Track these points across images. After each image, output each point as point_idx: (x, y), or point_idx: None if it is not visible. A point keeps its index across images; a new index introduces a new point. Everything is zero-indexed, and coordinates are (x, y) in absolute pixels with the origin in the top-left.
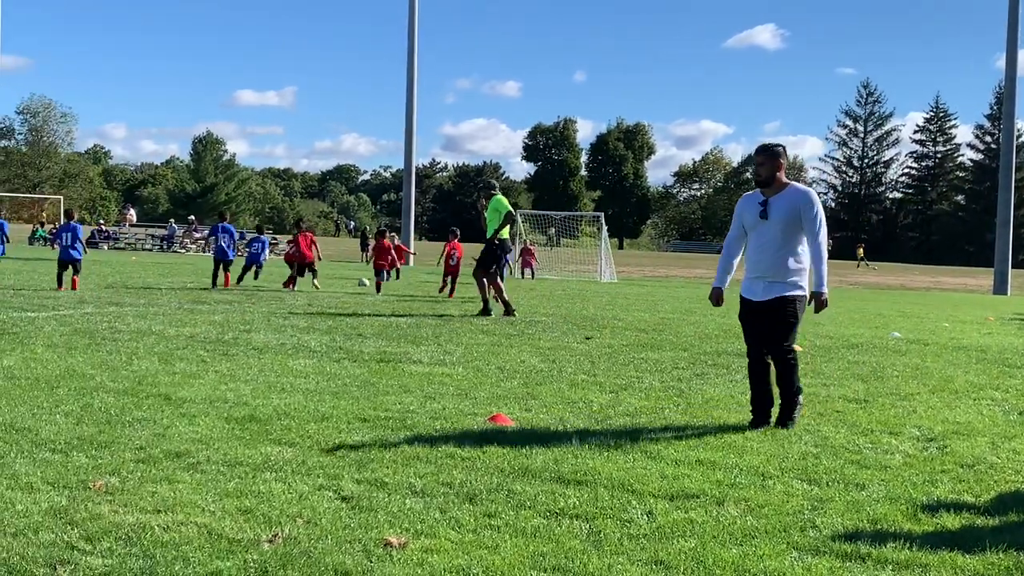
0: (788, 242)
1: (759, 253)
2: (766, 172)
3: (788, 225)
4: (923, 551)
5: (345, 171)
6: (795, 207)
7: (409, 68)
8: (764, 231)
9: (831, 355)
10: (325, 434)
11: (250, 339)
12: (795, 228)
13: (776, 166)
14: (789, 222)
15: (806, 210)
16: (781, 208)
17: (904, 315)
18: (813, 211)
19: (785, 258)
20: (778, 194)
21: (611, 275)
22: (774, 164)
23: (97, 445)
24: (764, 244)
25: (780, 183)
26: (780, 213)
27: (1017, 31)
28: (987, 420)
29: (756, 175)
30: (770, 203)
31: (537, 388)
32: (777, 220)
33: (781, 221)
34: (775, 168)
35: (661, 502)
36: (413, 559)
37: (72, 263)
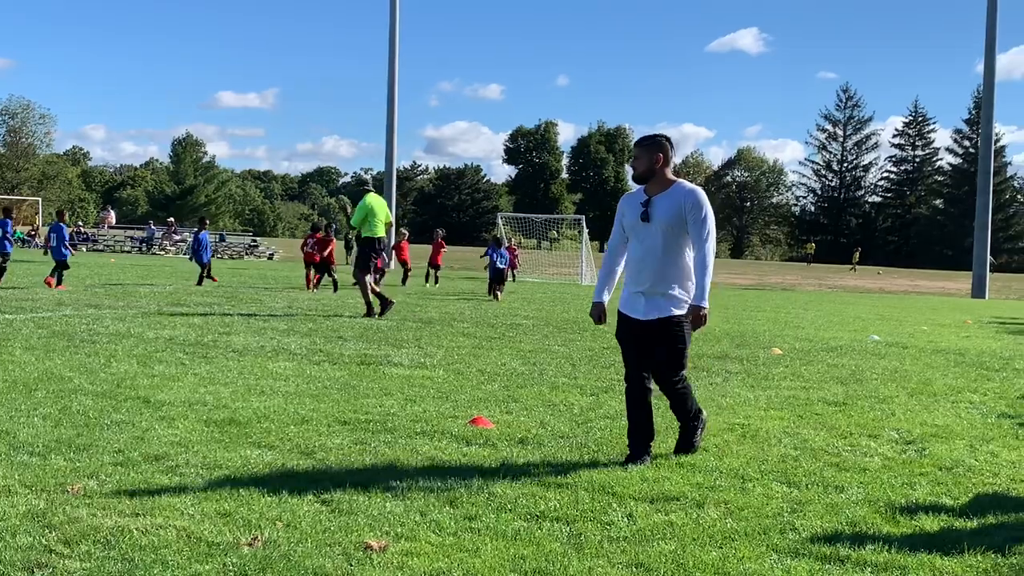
0: (673, 249)
1: (640, 262)
2: (642, 167)
3: (672, 229)
4: (902, 553)
5: (326, 173)
6: (679, 208)
7: (390, 71)
8: (645, 236)
9: (810, 358)
10: (305, 437)
11: (230, 341)
12: (680, 233)
13: (655, 159)
14: (673, 225)
15: (692, 212)
16: (664, 209)
17: (883, 318)
18: (701, 213)
19: (669, 268)
20: (662, 193)
21: (592, 278)
22: (652, 157)
23: (75, 448)
24: (645, 251)
25: (665, 180)
26: (663, 215)
27: (996, 36)
28: (965, 423)
29: (632, 169)
30: (653, 203)
31: (518, 391)
32: (660, 223)
33: (664, 224)
34: (653, 161)
35: (641, 505)
36: (393, 562)
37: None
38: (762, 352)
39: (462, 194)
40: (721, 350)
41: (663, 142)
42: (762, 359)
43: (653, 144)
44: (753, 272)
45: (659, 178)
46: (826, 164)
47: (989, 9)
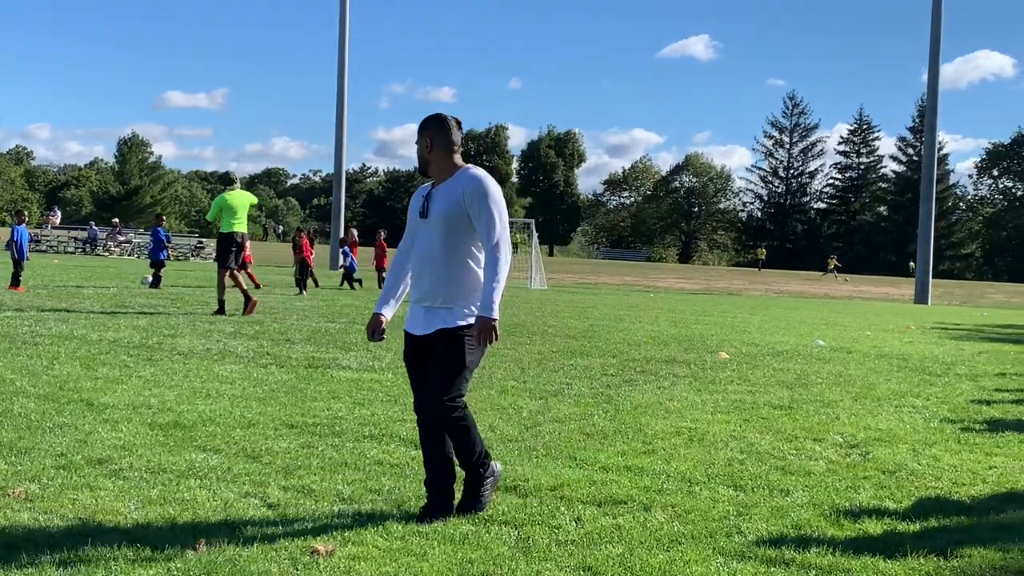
0: (456, 249)
1: (420, 266)
2: (418, 155)
3: (453, 225)
4: (846, 556)
5: (274, 175)
6: (459, 199)
7: (339, 73)
8: (425, 235)
9: (756, 362)
10: (251, 440)
11: (175, 344)
12: (463, 229)
13: (424, 145)
14: (454, 220)
15: (474, 202)
16: (444, 201)
17: (827, 323)
18: (485, 203)
19: (451, 273)
20: (444, 183)
21: (542, 282)
22: (422, 143)
23: (17, 451)
24: (425, 253)
25: (445, 167)
26: (442, 207)
27: (940, 45)
28: (908, 427)
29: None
30: (433, 195)
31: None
32: (439, 218)
33: (444, 219)
34: (424, 148)
35: (589, 508)
36: (340, 567)
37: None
38: (709, 356)
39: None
40: (669, 354)
41: (432, 122)
42: (709, 363)
43: (422, 127)
44: (701, 277)
45: (438, 166)
46: (772, 171)
47: (933, 19)
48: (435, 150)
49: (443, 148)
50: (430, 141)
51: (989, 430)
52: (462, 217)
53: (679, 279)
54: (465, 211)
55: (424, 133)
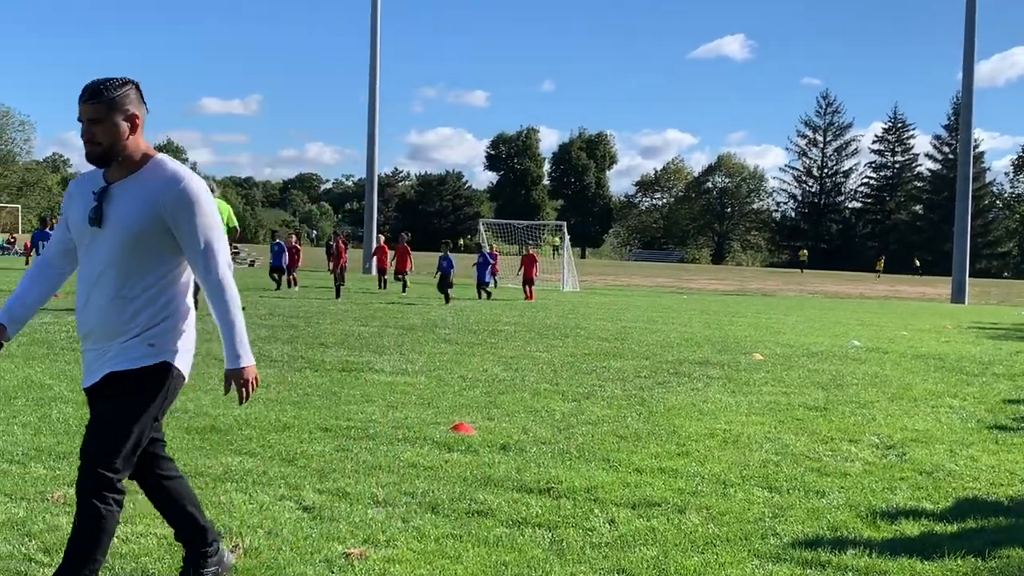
0: (137, 271)
1: (86, 289)
2: (102, 134)
3: (139, 238)
4: (882, 558)
5: (307, 180)
6: (154, 203)
7: (371, 77)
8: (96, 249)
9: (791, 363)
10: (287, 444)
11: (210, 348)
12: (155, 244)
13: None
14: (142, 233)
15: (177, 210)
16: (128, 204)
17: (863, 324)
18: (193, 210)
19: (127, 302)
20: (130, 177)
21: (574, 284)
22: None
23: (56, 456)
24: (93, 274)
25: (136, 154)
26: (124, 213)
27: (974, 43)
28: (945, 428)
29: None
30: (111, 194)
31: (500, 397)
32: (118, 228)
33: (124, 229)
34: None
35: (623, 510)
36: (375, 569)
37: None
38: (743, 357)
39: (443, 200)
40: (703, 356)
41: (132, 90)
42: (743, 364)
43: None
44: (734, 278)
45: (129, 151)
46: (806, 170)
47: (967, 15)
48: (133, 131)
49: (138, 130)
50: (133, 119)
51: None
52: (160, 227)
53: (712, 280)
54: (163, 219)
55: (119, 106)
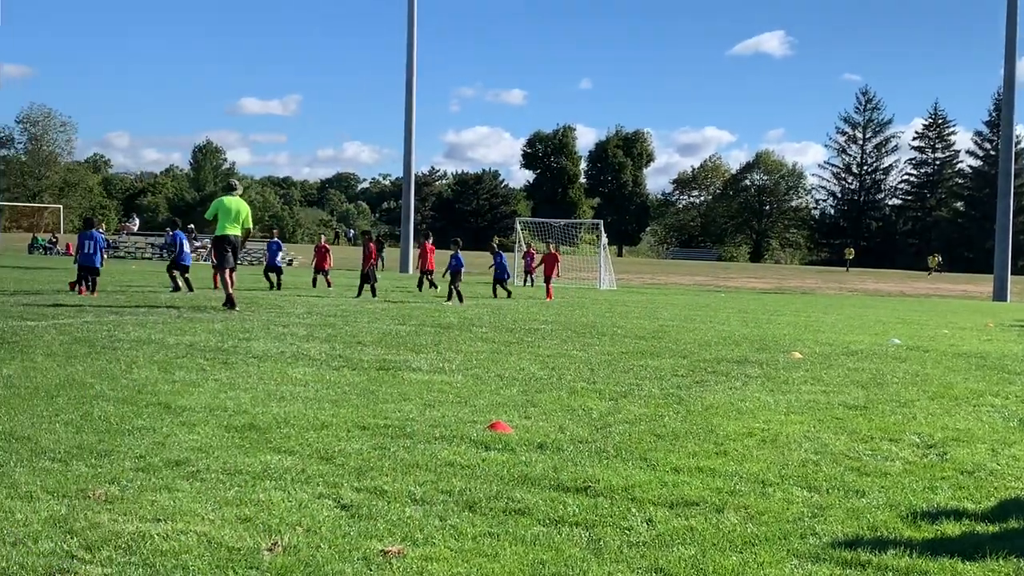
0: None
1: None
2: None
3: None
4: (923, 558)
5: (344, 179)
6: None
7: (408, 76)
8: None
9: (831, 362)
10: (325, 442)
11: (249, 347)
12: None
13: None
14: None
15: None
16: None
17: (903, 322)
18: None
19: None
20: None
21: (611, 282)
22: None
23: (97, 454)
24: None
25: None
26: None
27: (1016, 38)
28: (987, 427)
29: None
30: None
31: (536, 396)
32: None
33: None
34: None
35: (661, 510)
36: (412, 567)
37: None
38: (782, 356)
39: (480, 199)
40: (741, 354)
41: None
42: (782, 363)
43: None
44: (772, 276)
45: None
46: (845, 167)
47: (1009, 11)
48: None
49: None
50: None
51: None
52: None
53: (750, 278)
54: None
55: None
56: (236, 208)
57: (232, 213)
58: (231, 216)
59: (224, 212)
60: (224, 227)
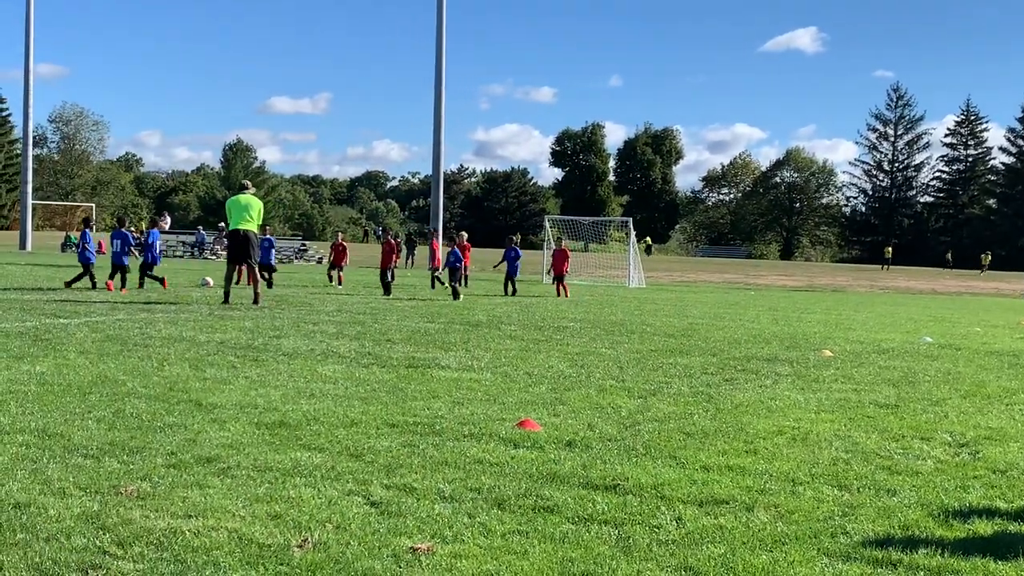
0: None
1: None
2: None
3: None
4: (955, 557)
5: (374, 177)
6: None
7: (437, 74)
8: None
9: (862, 360)
10: (354, 439)
11: (280, 345)
12: None
13: None
14: None
15: None
16: None
17: (935, 319)
18: None
19: None
20: None
21: (640, 280)
22: None
23: (128, 450)
24: None
25: None
26: None
27: None
28: (1019, 425)
29: None
30: None
31: (565, 393)
32: None
33: None
34: None
35: (690, 508)
36: (442, 564)
37: (121, 268)
38: (812, 354)
39: (508, 197)
40: (771, 352)
41: None
42: (812, 361)
43: None
44: (803, 273)
45: None
46: (877, 164)
47: None
48: None
49: None
50: None
51: None
52: None
53: (781, 276)
54: None
55: None
56: (247, 204)
57: (244, 209)
58: (243, 212)
59: (237, 209)
60: (237, 222)
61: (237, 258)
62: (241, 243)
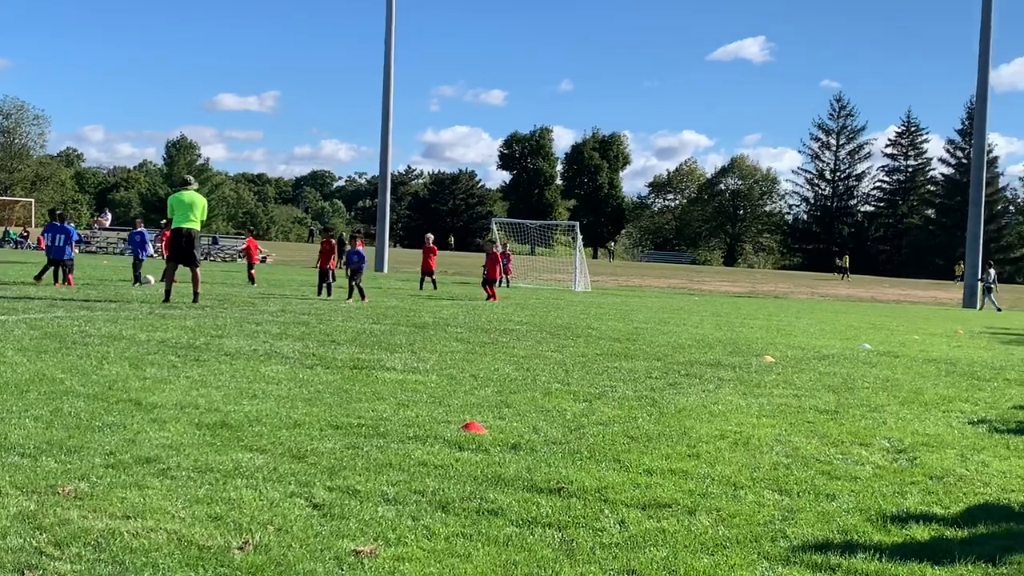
0: None
1: None
2: None
3: None
4: (893, 562)
5: (320, 177)
6: None
7: (386, 74)
8: None
9: (802, 366)
10: (297, 441)
11: (222, 345)
12: None
13: None
14: None
15: None
16: None
17: (875, 327)
18: None
19: None
20: None
21: (586, 284)
22: None
23: (66, 450)
24: None
25: None
26: None
27: (989, 47)
28: (956, 432)
29: None
30: None
31: (511, 396)
32: None
33: None
34: None
35: (634, 511)
36: (385, 567)
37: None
38: (754, 360)
39: (456, 199)
40: (714, 357)
41: None
42: (754, 367)
43: None
44: (746, 280)
45: None
46: (819, 173)
47: (983, 20)
48: None
49: None
50: None
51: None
52: None
53: (724, 282)
54: None
55: None
56: (191, 201)
57: (188, 207)
58: (187, 210)
59: (180, 206)
60: (180, 221)
61: (179, 257)
62: (183, 242)
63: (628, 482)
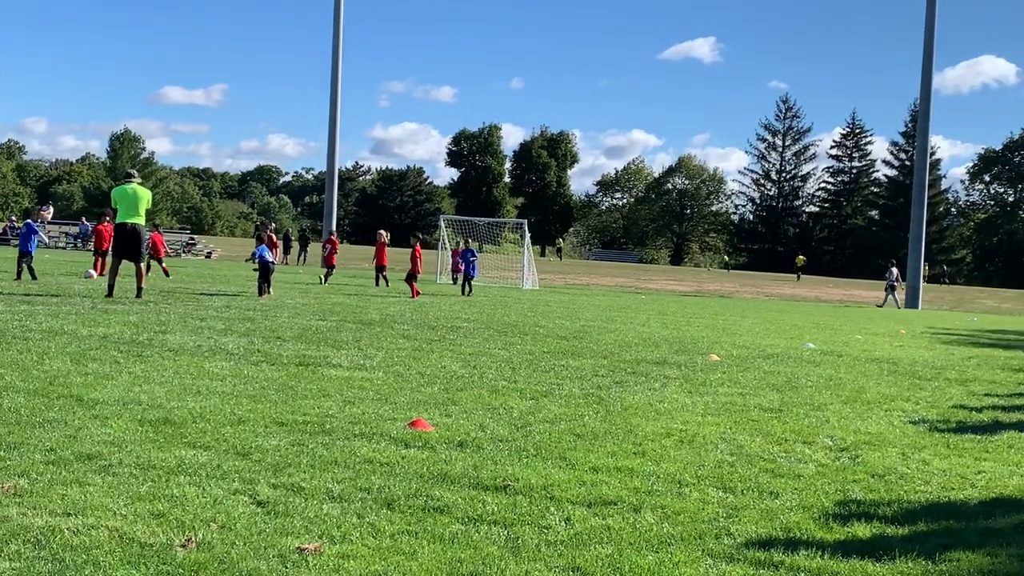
0: None
1: None
2: None
3: None
4: (835, 559)
5: (266, 172)
6: None
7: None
8: None
9: (747, 365)
10: (241, 438)
11: (165, 340)
12: None
13: None
14: None
15: None
16: None
17: (818, 327)
18: None
19: None
20: None
21: (533, 282)
22: None
23: (6, 446)
24: None
25: None
26: None
27: (933, 50)
28: (897, 431)
29: None
30: None
31: (458, 394)
32: None
33: None
34: None
35: (579, 508)
36: (329, 565)
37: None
38: (700, 358)
39: (404, 196)
40: (660, 356)
41: None
42: (700, 365)
43: None
44: (692, 279)
45: None
46: (765, 174)
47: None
48: None
49: None
50: None
51: (978, 434)
52: None
53: (670, 281)
54: None
55: None
56: (136, 195)
57: (133, 202)
58: (133, 205)
59: (125, 200)
60: (125, 216)
61: (123, 252)
62: (129, 237)
63: (574, 480)
